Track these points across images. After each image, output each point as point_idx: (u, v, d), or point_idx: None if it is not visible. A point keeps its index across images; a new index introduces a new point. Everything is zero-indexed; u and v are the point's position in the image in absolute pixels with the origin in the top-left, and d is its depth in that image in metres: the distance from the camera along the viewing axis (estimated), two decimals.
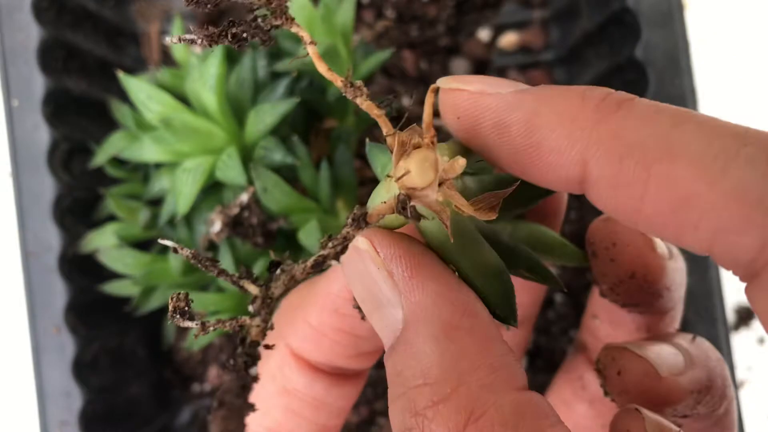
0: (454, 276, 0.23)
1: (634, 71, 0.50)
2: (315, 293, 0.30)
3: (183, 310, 0.21)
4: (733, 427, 0.30)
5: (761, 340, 0.61)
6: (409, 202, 0.21)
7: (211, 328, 0.21)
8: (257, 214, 0.42)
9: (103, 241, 0.49)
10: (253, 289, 0.22)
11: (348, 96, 0.22)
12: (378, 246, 0.22)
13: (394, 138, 0.22)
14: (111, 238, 0.48)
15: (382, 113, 0.23)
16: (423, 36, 0.61)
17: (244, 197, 0.42)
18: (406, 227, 0.24)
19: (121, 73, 0.45)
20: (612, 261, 0.30)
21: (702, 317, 0.40)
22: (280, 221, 0.42)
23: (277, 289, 0.22)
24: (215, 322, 0.21)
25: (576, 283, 0.57)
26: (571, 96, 0.22)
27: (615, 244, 0.30)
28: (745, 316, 0.61)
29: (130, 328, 0.55)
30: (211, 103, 0.43)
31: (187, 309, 0.21)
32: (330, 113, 0.47)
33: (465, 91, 0.24)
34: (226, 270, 0.22)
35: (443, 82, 0.24)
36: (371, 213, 0.22)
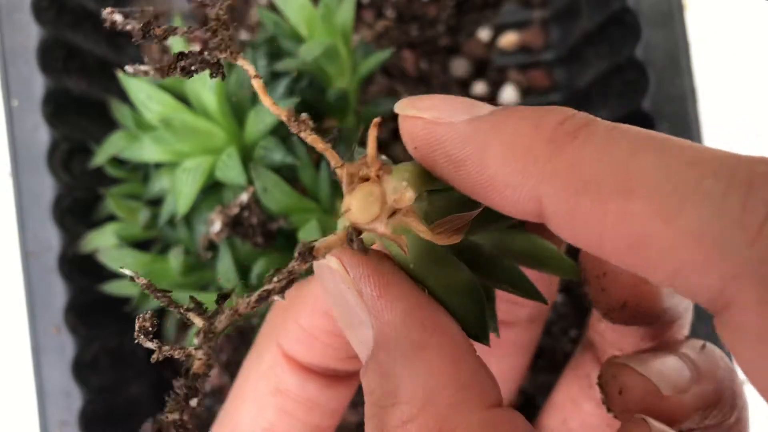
0: (424, 294, 0.22)
1: (634, 71, 0.50)
2: (305, 295, 0.30)
3: (147, 331, 0.21)
4: None
5: None
6: (357, 235, 0.21)
7: (165, 353, 0.21)
8: (257, 214, 0.42)
9: (103, 241, 0.49)
10: (198, 322, 0.21)
11: (293, 130, 0.22)
12: (348, 265, 0.22)
13: (343, 170, 0.22)
14: (111, 238, 0.48)
15: (328, 146, 0.23)
16: (423, 36, 0.61)
17: (244, 197, 0.42)
18: (379, 244, 0.24)
19: (121, 73, 0.45)
20: (603, 290, 0.29)
21: (702, 317, 0.40)
22: (280, 221, 0.42)
23: (220, 324, 0.21)
24: (169, 348, 0.21)
25: (576, 283, 0.57)
26: (525, 125, 0.21)
27: (605, 274, 0.28)
28: None
29: (130, 328, 0.55)
30: (211, 103, 0.43)
31: (151, 330, 0.21)
32: (330, 113, 0.47)
33: (420, 119, 0.23)
34: (175, 302, 0.22)
35: (399, 108, 0.24)
36: (318, 247, 0.22)
